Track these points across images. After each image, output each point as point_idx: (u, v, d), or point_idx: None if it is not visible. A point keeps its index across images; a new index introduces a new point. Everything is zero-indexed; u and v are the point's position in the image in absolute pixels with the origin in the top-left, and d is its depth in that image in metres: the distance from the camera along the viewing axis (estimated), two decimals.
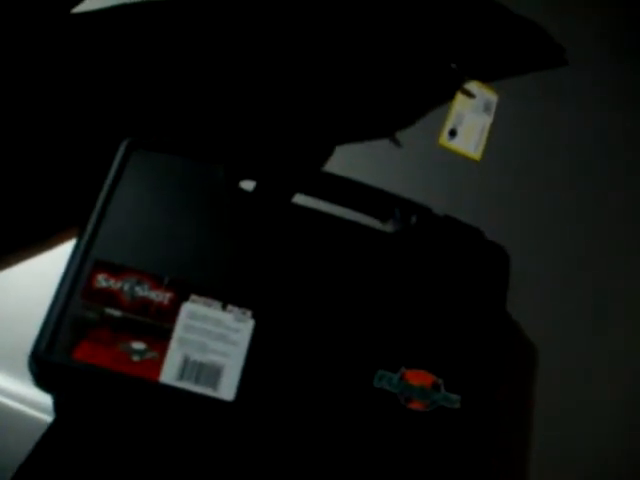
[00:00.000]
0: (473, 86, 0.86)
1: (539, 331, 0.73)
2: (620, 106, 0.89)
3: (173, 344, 0.56)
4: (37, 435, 0.58)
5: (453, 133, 0.83)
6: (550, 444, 0.70)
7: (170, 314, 0.57)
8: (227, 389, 0.56)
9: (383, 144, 0.80)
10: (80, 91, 0.69)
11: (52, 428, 0.58)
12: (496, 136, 0.84)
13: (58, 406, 0.59)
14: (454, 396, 0.60)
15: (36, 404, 0.62)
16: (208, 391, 0.55)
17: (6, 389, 0.63)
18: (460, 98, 0.85)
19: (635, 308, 0.79)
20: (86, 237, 0.58)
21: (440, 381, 0.60)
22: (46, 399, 0.59)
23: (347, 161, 0.77)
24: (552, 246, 0.79)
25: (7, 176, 0.67)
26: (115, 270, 0.57)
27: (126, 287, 0.57)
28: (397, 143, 0.80)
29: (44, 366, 0.55)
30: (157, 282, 0.57)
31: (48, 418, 0.60)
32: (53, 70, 0.68)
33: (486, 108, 0.85)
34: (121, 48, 0.70)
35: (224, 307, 0.58)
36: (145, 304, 0.57)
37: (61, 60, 0.68)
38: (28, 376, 0.56)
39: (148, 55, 0.71)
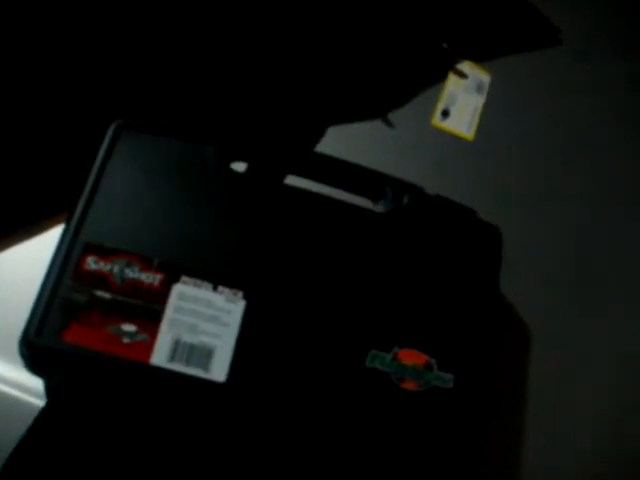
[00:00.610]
0: (465, 66, 0.85)
1: (532, 310, 0.73)
2: (613, 88, 0.89)
3: (164, 326, 0.56)
4: (29, 419, 0.58)
5: (446, 113, 0.83)
6: (543, 424, 0.70)
7: (160, 296, 0.57)
8: (218, 370, 0.55)
9: (375, 125, 0.80)
10: (69, 73, 0.68)
11: (44, 412, 0.58)
12: (489, 116, 0.84)
13: (49, 390, 0.58)
14: (447, 376, 0.60)
15: (28, 388, 0.62)
16: (199, 373, 0.55)
17: None
18: (452, 78, 0.85)
19: (631, 288, 0.79)
20: (75, 220, 0.58)
21: (433, 361, 0.60)
22: (38, 383, 0.59)
23: (339, 142, 0.76)
24: (546, 226, 0.79)
25: None
26: (105, 252, 0.57)
27: (116, 269, 0.57)
28: (389, 124, 0.80)
29: (34, 349, 0.55)
30: (147, 264, 0.57)
31: (40, 402, 0.60)
32: (42, 53, 0.67)
33: (479, 88, 0.85)
34: (110, 30, 0.69)
35: (215, 288, 0.58)
36: (135, 286, 0.56)
37: (50, 43, 0.68)
38: (19, 360, 0.56)
39: (137, 36, 0.70)
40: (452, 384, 0.59)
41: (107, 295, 0.56)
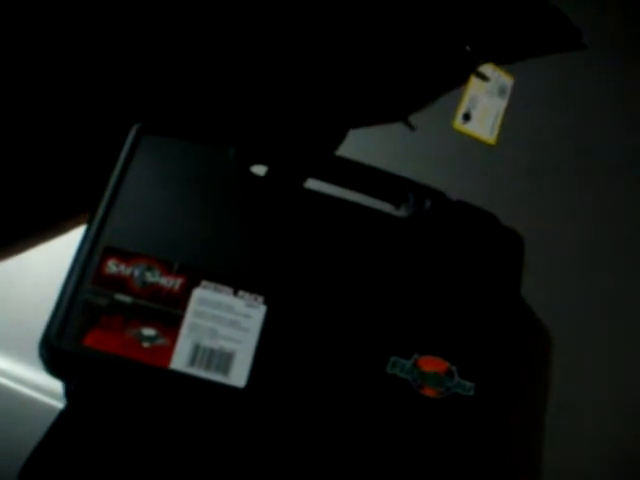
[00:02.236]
0: (488, 69, 0.85)
1: (554, 317, 0.73)
2: (638, 91, 0.88)
3: (184, 330, 0.56)
4: (48, 422, 0.58)
5: (467, 117, 0.82)
6: (565, 428, 0.70)
7: (181, 300, 0.56)
8: (238, 376, 0.55)
9: (397, 128, 0.79)
10: (91, 77, 0.68)
11: (63, 415, 0.58)
12: (511, 120, 0.83)
13: (69, 392, 0.58)
14: (468, 383, 0.59)
15: (47, 390, 0.62)
16: (219, 377, 0.55)
17: (17, 375, 0.63)
18: (474, 81, 0.84)
19: None
20: (96, 223, 0.58)
21: (454, 368, 0.59)
22: (57, 385, 0.59)
23: (360, 145, 0.76)
24: (567, 231, 0.78)
25: (18, 162, 0.67)
26: (125, 256, 0.57)
27: (136, 273, 0.57)
28: (411, 127, 0.79)
29: (55, 353, 0.55)
30: (167, 268, 0.57)
31: (59, 404, 0.60)
32: (64, 56, 0.67)
33: (501, 91, 0.84)
34: (131, 35, 0.69)
35: (235, 293, 0.57)
36: (155, 290, 0.56)
37: (71, 46, 0.68)
38: (39, 362, 0.56)
39: (157, 39, 0.70)
40: (473, 392, 0.59)
41: (127, 299, 0.56)
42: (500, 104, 0.84)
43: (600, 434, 0.71)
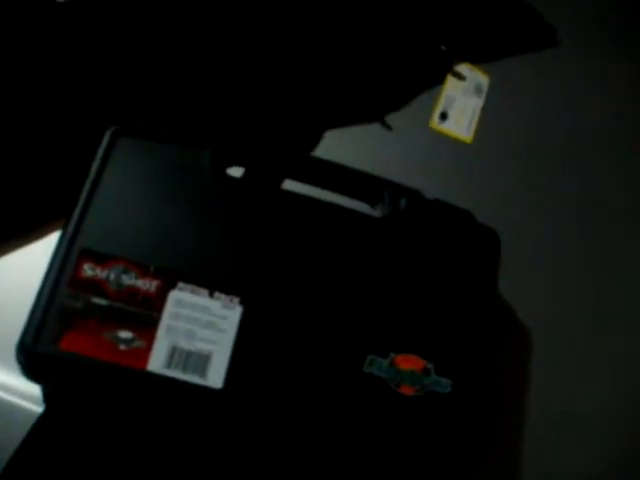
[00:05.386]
0: (464, 68, 0.85)
1: (531, 314, 0.73)
2: (613, 88, 0.89)
3: (160, 332, 0.56)
4: (27, 426, 0.58)
5: (444, 116, 0.83)
6: (543, 427, 0.70)
7: (157, 302, 0.56)
8: (215, 377, 0.55)
9: (373, 128, 0.79)
10: (64, 79, 0.68)
11: (42, 419, 0.58)
12: (487, 118, 0.84)
13: (47, 396, 0.59)
14: (445, 380, 0.59)
15: (26, 395, 0.62)
16: (196, 379, 0.55)
17: None
18: (451, 80, 0.84)
19: (632, 290, 0.79)
20: (72, 226, 0.58)
21: (430, 365, 0.60)
22: (35, 390, 0.59)
23: (336, 146, 0.76)
24: (544, 228, 0.79)
25: None
26: (101, 259, 0.57)
27: (112, 276, 0.57)
28: (387, 127, 0.80)
29: (31, 356, 0.55)
30: (143, 270, 0.57)
31: (38, 409, 0.60)
32: (38, 58, 0.67)
33: (477, 90, 0.85)
34: (106, 36, 0.69)
35: (211, 294, 0.58)
36: (132, 293, 0.56)
37: (46, 48, 0.68)
38: (16, 366, 0.56)
39: (133, 42, 0.70)
40: (450, 389, 0.59)
41: (103, 302, 0.56)
42: (477, 103, 0.84)
43: (579, 432, 0.71)
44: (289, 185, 0.67)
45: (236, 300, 0.58)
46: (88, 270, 0.57)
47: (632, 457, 0.71)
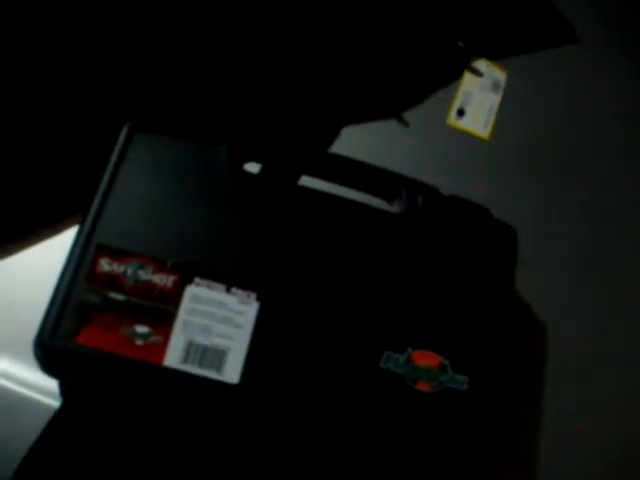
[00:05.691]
0: (481, 64, 0.85)
1: (548, 310, 0.73)
2: (632, 84, 0.88)
3: (177, 327, 0.56)
4: (44, 420, 0.58)
5: (461, 112, 0.82)
6: (559, 424, 0.70)
7: (174, 297, 0.57)
8: (232, 372, 0.55)
9: (390, 124, 0.79)
10: (83, 76, 0.68)
11: (59, 413, 0.58)
12: (505, 115, 0.83)
13: (64, 391, 0.59)
14: (461, 377, 0.59)
15: (43, 389, 0.62)
16: (212, 374, 0.55)
17: (13, 375, 0.63)
18: (468, 77, 0.84)
19: None
20: (89, 221, 0.58)
21: (447, 362, 0.59)
22: (53, 384, 0.59)
23: (354, 142, 0.76)
24: (561, 225, 0.78)
25: (10, 162, 0.67)
26: (118, 254, 0.57)
27: (129, 271, 0.57)
28: (405, 123, 0.79)
29: (48, 351, 0.55)
30: (160, 265, 0.57)
31: (55, 403, 0.60)
32: (55, 55, 0.68)
33: (494, 86, 0.84)
34: (123, 33, 0.70)
35: (228, 290, 0.58)
36: (148, 288, 0.56)
37: (62, 45, 0.68)
38: (34, 361, 0.56)
39: (150, 38, 0.70)
40: (466, 386, 0.59)
41: (120, 297, 0.56)
42: (494, 99, 0.84)
43: (595, 429, 0.71)
44: (306, 181, 0.67)
45: (253, 296, 0.58)
46: (105, 265, 0.57)
47: None
